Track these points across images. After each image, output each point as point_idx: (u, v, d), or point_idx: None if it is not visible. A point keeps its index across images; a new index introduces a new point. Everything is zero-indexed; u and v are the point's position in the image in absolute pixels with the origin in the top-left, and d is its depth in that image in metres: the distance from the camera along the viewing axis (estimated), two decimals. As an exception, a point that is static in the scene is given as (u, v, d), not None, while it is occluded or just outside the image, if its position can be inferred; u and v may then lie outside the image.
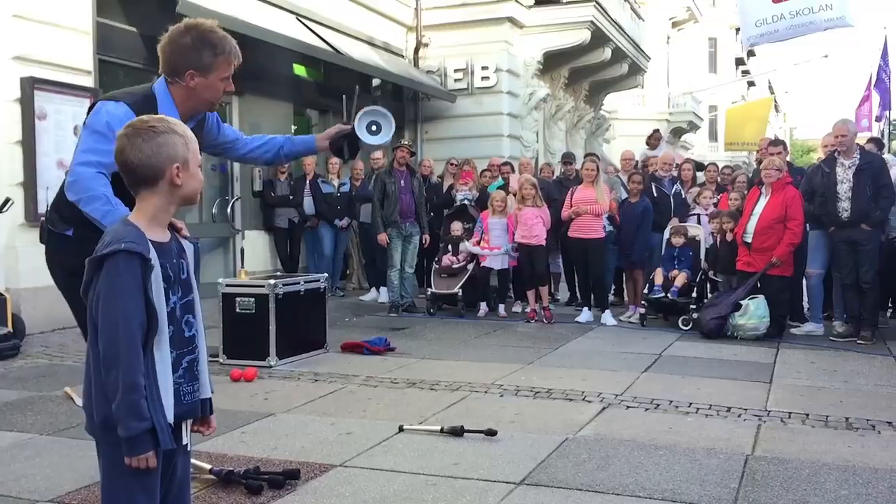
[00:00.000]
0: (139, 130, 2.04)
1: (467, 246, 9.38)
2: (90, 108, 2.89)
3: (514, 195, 9.27)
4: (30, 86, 7.35)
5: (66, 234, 2.91)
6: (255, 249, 10.46)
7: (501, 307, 9.31)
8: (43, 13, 7.51)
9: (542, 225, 8.80)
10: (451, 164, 11.05)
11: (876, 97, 19.53)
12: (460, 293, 9.18)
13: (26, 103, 7.36)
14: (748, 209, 7.86)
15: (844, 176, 7.47)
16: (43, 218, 3.09)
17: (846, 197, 7.43)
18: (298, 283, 6.69)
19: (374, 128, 3.36)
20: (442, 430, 4.35)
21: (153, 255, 2.01)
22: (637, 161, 10.91)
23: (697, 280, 8.43)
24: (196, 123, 3.02)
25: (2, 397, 5.24)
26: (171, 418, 2.01)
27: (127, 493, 2.02)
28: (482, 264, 9.21)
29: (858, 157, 7.50)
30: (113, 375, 1.93)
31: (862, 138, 10.03)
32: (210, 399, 2.23)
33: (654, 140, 12.63)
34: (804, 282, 8.45)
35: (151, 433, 1.95)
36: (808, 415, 4.85)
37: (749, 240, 7.73)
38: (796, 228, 7.56)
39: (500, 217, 9.23)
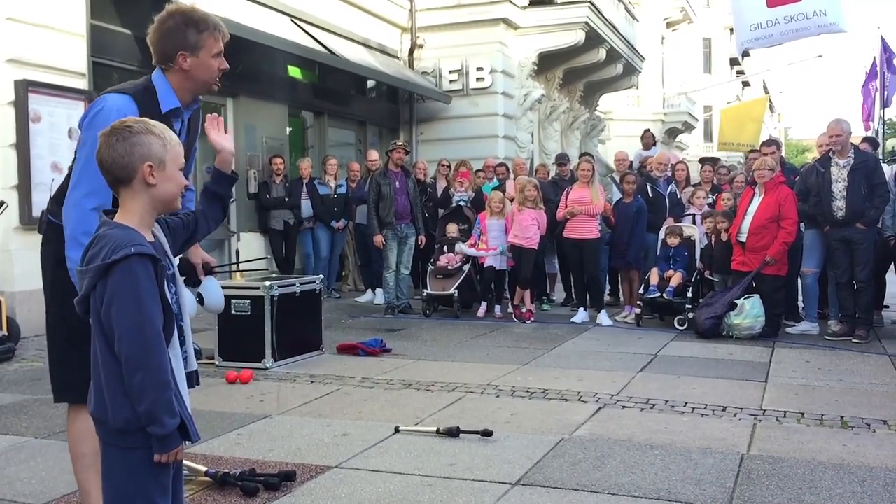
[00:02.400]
0: (116, 130, 2.07)
1: (463, 248, 9.36)
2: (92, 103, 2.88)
3: (511, 200, 9.28)
4: (24, 89, 7.34)
5: None
6: (251, 251, 10.45)
7: (498, 308, 9.31)
8: (37, 16, 7.50)
9: (537, 228, 8.83)
10: (443, 166, 11.05)
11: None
12: (456, 294, 9.18)
13: (20, 106, 7.35)
14: (742, 209, 7.88)
15: (839, 175, 7.50)
16: (44, 208, 3.07)
17: (841, 196, 7.45)
18: (294, 284, 6.68)
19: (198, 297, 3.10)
20: (438, 431, 4.35)
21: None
22: (632, 161, 10.92)
23: (693, 280, 8.45)
24: (192, 114, 3.03)
25: (-3, 401, 5.23)
26: (189, 411, 2.09)
27: (144, 494, 2.02)
28: (486, 265, 9.20)
29: (853, 156, 7.53)
30: (139, 377, 1.93)
31: (856, 138, 10.07)
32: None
33: (647, 139, 12.66)
34: (799, 281, 8.46)
35: (180, 427, 2.00)
36: (803, 414, 4.87)
37: (743, 239, 7.75)
38: (790, 227, 7.59)
39: (498, 218, 9.22)
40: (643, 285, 8.58)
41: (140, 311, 1.94)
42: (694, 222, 9.01)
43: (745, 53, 11.24)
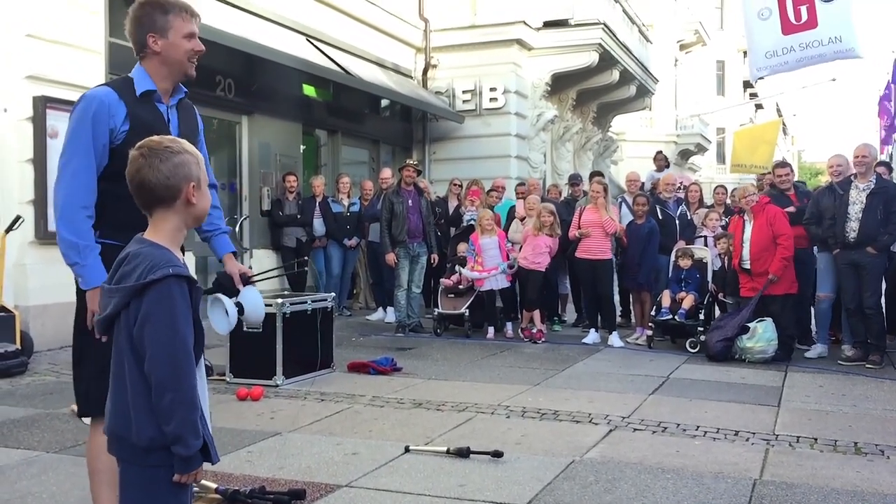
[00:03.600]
0: (156, 151, 2.05)
1: (464, 272, 9.31)
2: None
3: (522, 219, 9.27)
4: (42, 105, 7.41)
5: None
6: (263, 268, 10.46)
7: (509, 325, 9.29)
8: (56, 33, 7.59)
9: (550, 255, 8.85)
10: (455, 185, 11.08)
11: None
12: (467, 313, 9.17)
13: (38, 122, 7.42)
14: (738, 238, 7.92)
15: (857, 198, 7.49)
16: None
17: (856, 218, 7.44)
18: (306, 302, 6.70)
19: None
20: (448, 452, 4.34)
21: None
22: (643, 183, 10.92)
23: (705, 302, 8.41)
24: (183, 104, 3.08)
25: (9, 414, 5.25)
26: (212, 432, 2.09)
27: None
28: (481, 289, 9.17)
29: (874, 181, 7.53)
30: (168, 398, 1.93)
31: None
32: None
33: (660, 161, 12.64)
34: (812, 305, 8.42)
35: (201, 448, 2.01)
36: (816, 439, 4.83)
37: (747, 266, 7.76)
38: (786, 242, 7.62)
39: (490, 236, 9.21)
40: (655, 307, 8.56)
41: (174, 332, 1.95)
42: (706, 244, 8.99)
43: (759, 77, 11.22)
